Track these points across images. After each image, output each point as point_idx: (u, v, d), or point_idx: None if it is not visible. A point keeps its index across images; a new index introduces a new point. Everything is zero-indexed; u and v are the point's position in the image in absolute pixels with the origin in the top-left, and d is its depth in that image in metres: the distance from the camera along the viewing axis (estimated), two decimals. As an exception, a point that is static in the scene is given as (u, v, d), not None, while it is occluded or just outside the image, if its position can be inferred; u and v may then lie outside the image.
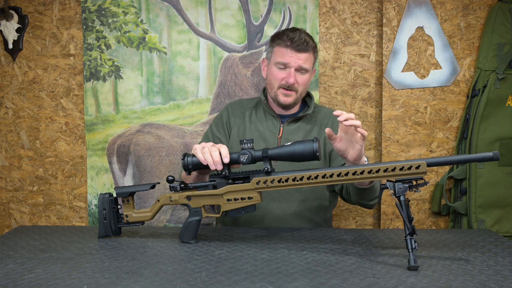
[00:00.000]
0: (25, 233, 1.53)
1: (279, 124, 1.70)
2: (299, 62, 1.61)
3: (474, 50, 2.03)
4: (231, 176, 1.34)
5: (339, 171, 1.22)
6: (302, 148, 1.27)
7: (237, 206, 1.34)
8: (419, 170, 1.14)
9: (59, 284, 1.03)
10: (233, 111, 1.77)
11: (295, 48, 1.60)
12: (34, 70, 2.15)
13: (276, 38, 1.66)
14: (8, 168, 2.19)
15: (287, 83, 1.61)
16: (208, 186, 1.37)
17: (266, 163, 1.30)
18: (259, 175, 1.32)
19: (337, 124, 1.70)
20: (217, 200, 1.36)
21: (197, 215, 1.38)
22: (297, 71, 1.62)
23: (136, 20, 2.11)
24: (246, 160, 1.31)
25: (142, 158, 2.14)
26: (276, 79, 1.64)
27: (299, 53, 1.61)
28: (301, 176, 1.25)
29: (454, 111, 2.05)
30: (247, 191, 1.33)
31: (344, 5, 2.08)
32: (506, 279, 1.03)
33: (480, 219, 1.98)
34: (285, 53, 1.61)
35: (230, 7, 2.09)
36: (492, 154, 1.10)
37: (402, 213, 1.13)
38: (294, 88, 1.63)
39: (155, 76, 2.12)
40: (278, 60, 1.62)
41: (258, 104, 1.79)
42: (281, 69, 1.63)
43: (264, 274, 1.07)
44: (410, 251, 1.10)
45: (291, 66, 1.61)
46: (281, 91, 1.64)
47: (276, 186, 1.29)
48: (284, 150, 1.29)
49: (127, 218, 1.46)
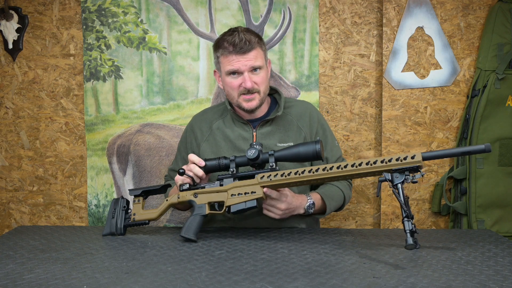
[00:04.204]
0: (25, 233, 1.53)
1: (250, 130, 1.64)
2: (248, 63, 1.54)
3: (474, 50, 2.03)
4: (237, 175, 1.41)
5: (339, 164, 1.28)
6: (306, 149, 1.35)
7: (240, 201, 1.39)
8: (415, 160, 1.18)
9: (59, 284, 1.03)
10: (199, 126, 1.71)
11: (239, 51, 1.52)
12: (34, 70, 2.15)
13: (218, 47, 1.58)
14: (8, 168, 2.19)
15: (246, 88, 1.55)
16: (214, 185, 1.44)
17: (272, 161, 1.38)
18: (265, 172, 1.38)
19: (315, 121, 1.69)
20: (222, 196, 1.42)
21: (201, 211, 1.43)
22: (251, 72, 1.56)
23: (136, 20, 2.11)
24: (253, 155, 1.37)
25: (142, 158, 2.14)
26: (234, 89, 1.57)
27: (245, 54, 1.53)
28: (302, 170, 1.31)
29: (454, 111, 2.05)
30: (251, 186, 1.38)
31: (344, 5, 2.08)
32: (506, 279, 1.03)
33: (480, 219, 1.98)
34: (232, 60, 1.54)
35: (230, 7, 2.09)
36: (484, 147, 1.15)
37: (399, 198, 1.18)
38: (254, 90, 1.57)
39: (155, 76, 2.12)
40: (228, 69, 1.55)
41: (224, 112, 1.71)
42: (234, 77, 1.56)
43: (264, 274, 1.08)
44: (407, 231, 1.14)
45: (242, 71, 1.54)
46: (242, 98, 1.57)
47: (279, 180, 1.34)
48: (289, 151, 1.38)
49: (134, 217, 1.50)
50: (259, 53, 1.57)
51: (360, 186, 2.13)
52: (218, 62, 1.60)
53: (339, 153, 1.71)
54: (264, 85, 1.59)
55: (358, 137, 2.11)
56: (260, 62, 1.56)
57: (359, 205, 2.13)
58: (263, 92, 1.60)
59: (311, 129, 1.67)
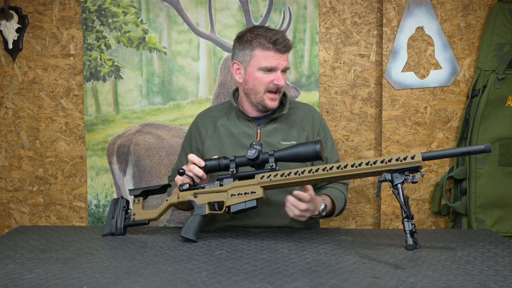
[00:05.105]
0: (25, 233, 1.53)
1: (255, 127, 1.64)
2: (285, 63, 1.56)
3: (474, 50, 2.03)
4: (237, 175, 1.41)
5: (339, 164, 1.28)
6: (306, 149, 1.35)
7: (240, 201, 1.39)
8: (415, 160, 1.18)
9: (59, 284, 1.03)
10: (203, 123, 1.72)
11: (281, 50, 1.54)
12: (34, 70, 2.15)
13: (252, 41, 1.56)
14: (8, 168, 2.19)
15: (277, 86, 1.56)
16: (214, 185, 1.44)
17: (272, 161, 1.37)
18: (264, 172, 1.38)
19: (317, 123, 1.71)
20: (221, 196, 1.42)
21: (201, 211, 1.42)
22: (282, 72, 1.58)
23: (136, 20, 2.11)
24: (253, 155, 1.37)
25: (142, 158, 2.14)
26: (263, 84, 1.56)
27: (283, 54, 1.56)
28: (302, 170, 1.32)
29: (454, 111, 2.05)
30: (250, 186, 1.38)
31: (344, 5, 2.08)
32: (506, 279, 1.03)
33: (480, 219, 1.98)
34: (270, 57, 1.54)
35: (230, 7, 2.09)
36: (484, 147, 1.16)
37: (399, 199, 1.18)
38: (281, 90, 1.60)
39: (155, 76, 2.12)
40: (264, 65, 1.54)
41: (229, 109, 1.72)
42: (267, 74, 1.56)
43: (264, 274, 1.08)
44: (407, 232, 1.14)
45: (278, 69, 1.55)
46: (268, 96, 1.58)
47: (279, 181, 1.33)
48: (289, 151, 1.37)
49: (134, 217, 1.51)
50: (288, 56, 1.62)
51: (360, 186, 2.13)
52: (251, 54, 1.57)
53: (338, 158, 1.72)
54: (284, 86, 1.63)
55: (358, 137, 2.11)
56: (289, 65, 1.61)
57: (359, 205, 2.13)
58: (282, 94, 1.64)
59: (313, 131, 1.69)
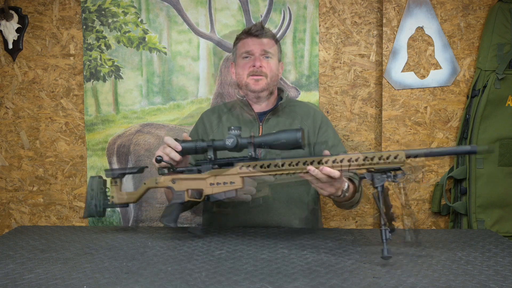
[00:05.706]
0: (25, 233, 1.53)
1: (257, 123, 1.68)
2: (261, 47, 1.64)
3: (474, 50, 2.03)
4: (216, 161, 1.36)
5: (320, 159, 1.24)
6: (286, 136, 1.28)
7: (219, 191, 1.35)
8: (397, 160, 1.16)
9: (59, 284, 1.03)
10: (209, 118, 1.75)
11: (254, 34, 1.65)
12: (34, 70, 2.15)
13: (236, 38, 1.72)
14: (8, 168, 2.19)
15: (255, 68, 1.63)
16: (193, 171, 1.39)
17: (251, 149, 1.31)
18: (244, 161, 1.33)
19: (318, 119, 1.71)
20: (200, 184, 1.37)
21: (179, 198, 1.39)
22: (262, 56, 1.65)
23: (136, 20, 2.11)
24: (232, 144, 1.30)
25: (142, 158, 2.14)
26: (244, 69, 1.66)
27: (259, 38, 1.65)
28: (282, 162, 1.27)
29: (454, 111, 2.05)
30: (230, 176, 1.34)
31: (344, 5, 2.08)
32: (506, 279, 1.03)
33: (480, 219, 1.98)
34: (246, 43, 1.66)
35: (230, 7, 2.09)
36: (470, 148, 1.15)
37: (378, 203, 1.14)
38: (262, 73, 1.63)
39: (155, 76, 2.12)
40: (241, 51, 1.66)
41: (233, 107, 1.77)
42: (247, 59, 1.66)
43: (264, 274, 1.07)
44: (384, 241, 1.12)
45: (255, 52, 1.64)
46: (251, 79, 1.65)
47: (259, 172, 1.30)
48: (269, 137, 1.30)
49: (112, 199, 1.49)
50: (272, 43, 1.68)
51: (360, 186, 2.13)
52: (235, 50, 1.71)
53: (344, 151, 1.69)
54: (273, 73, 1.66)
55: (358, 137, 2.11)
56: (272, 51, 1.66)
57: (359, 205, 2.13)
58: (270, 78, 1.65)
59: (315, 126, 1.70)
